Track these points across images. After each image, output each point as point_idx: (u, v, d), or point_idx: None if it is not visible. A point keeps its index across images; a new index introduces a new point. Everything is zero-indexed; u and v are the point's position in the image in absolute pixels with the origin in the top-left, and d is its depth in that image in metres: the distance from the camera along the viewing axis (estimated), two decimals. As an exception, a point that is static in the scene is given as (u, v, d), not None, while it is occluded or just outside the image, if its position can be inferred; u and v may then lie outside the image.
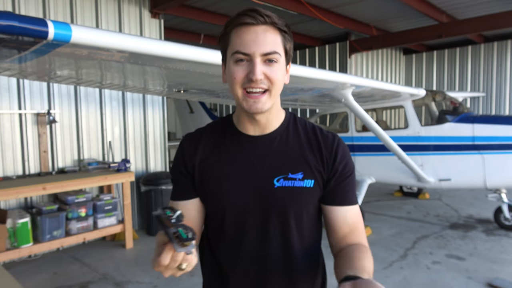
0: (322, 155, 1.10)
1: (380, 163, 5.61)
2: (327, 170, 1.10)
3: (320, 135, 1.13)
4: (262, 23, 0.98)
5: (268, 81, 0.99)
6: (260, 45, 0.97)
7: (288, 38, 1.03)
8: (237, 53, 0.98)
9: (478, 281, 3.69)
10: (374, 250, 4.49)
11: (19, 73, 2.98)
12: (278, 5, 6.06)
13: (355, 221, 1.11)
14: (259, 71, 0.97)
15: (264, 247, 1.09)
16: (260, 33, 0.97)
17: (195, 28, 8.22)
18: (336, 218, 1.10)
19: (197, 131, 1.19)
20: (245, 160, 1.09)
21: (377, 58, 10.00)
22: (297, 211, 1.09)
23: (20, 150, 4.47)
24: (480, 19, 6.88)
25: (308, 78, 3.56)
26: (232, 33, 1.00)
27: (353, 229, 1.10)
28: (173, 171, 1.17)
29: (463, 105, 5.70)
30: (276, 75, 1.00)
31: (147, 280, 3.84)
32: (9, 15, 1.62)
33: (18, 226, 3.96)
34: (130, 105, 5.42)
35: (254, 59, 0.97)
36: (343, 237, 1.10)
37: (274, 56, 0.99)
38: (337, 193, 1.11)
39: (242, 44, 0.97)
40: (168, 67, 2.71)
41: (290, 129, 1.13)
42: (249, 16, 0.97)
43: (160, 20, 5.63)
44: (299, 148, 1.11)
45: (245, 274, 1.11)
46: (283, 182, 1.06)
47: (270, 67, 0.99)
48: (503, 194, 5.14)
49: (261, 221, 1.08)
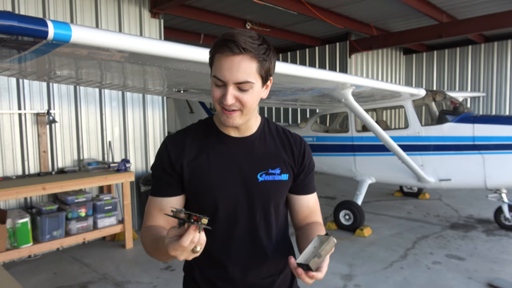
0: (293, 153, 1.32)
1: (380, 163, 5.61)
2: (297, 165, 1.32)
3: (290, 136, 1.35)
4: (238, 53, 1.07)
5: (239, 103, 1.12)
6: (233, 74, 1.08)
7: (265, 64, 1.12)
8: (215, 78, 1.11)
9: (478, 281, 3.69)
10: (374, 250, 4.52)
11: (19, 73, 2.98)
12: (278, 5, 6.05)
13: (314, 205, 1.39)
14: (230, 98, 1.10)
15: (252, 233, 1.27)
16: (235, 63, 1.07)
17: (195, 28, 8.22)
18: (301, 204, 1.36)
19: (179, 133, 1.31)
20: (232, 158, 1.25)
21: (377, 58, 10.00)
22: (277, 200, 1.30)
23: (19, 150, 4.46)
24: (481, 19, 6.88)
25: (308, 78, 3.56)
26: (214, 58, 1.12)
27: (312, 210, 1.38)
28: (156, 170, 1.28)
29: (463, 105, 5.70)
30: (247, 99, 1.12)
31: (147, 280, 3.83)
32: (8, 15, 1.62)
33: (18, 226, 3.96)
34: (130, 105, 5.42)
35: (228, 86, 1.09)
36: (304, 218, 1.37)
37: (245, 86, 1.10)
38: (304, 185, 1.35)
39: (219, 71, 1.09)
40: (168, 67, 2.71)
41: (266, 131, 1.32)
42: (227, 47, 1.07)
43: (160, 20, 5.62)
44: (275, 147, 1.31)
45: (239, 258, 1.27)
46: (265, 176, 1.26)
47: (242, 93, 1.11)
48: (503, 194, 5.13)
49: (248, 211, 1.25)
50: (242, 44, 1.06)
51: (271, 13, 6.97)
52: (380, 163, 5.61)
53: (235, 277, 1.28)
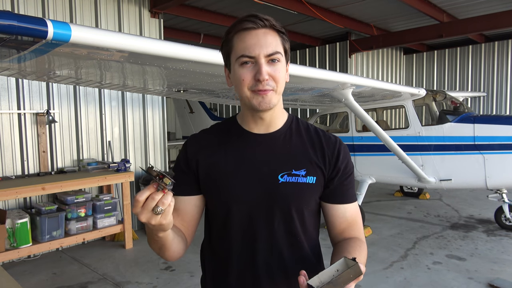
0: (325, 154, 1.17)
1: (380, 163, 5.60)
2: (329, 169, 1.16)
3: (323, 135, 1.22)
4: (262, 26, 1.05)
5: (272, 81, 1.05)
6: (263, 47, 1.04)
7: (285, 38, 1.10)
8: (243, 57, 1.04)
9: (478, 281, 3.68)
10: (374, 251, 4.51)
11: (18, 72, 2.97)
12: (279, 5, 6.04)
13: (353, 217, 1.20)
14: (265, 72, 1.03)
15: (269, 243, 1.13)
16: (261, 36, 1.04)
17: (194, 28, 8.21)
18: (336, 215, 1.18)
19: (202, 131, 1.26)
20: (250, 156, 1.15)
21: (378, 57, 9.99)
22: (299, 206, 1.14)
23: (19, 150, 4.46)
24: (481, 19, 6.87)
25: (309, 78, 3.55)
26: (234, 39, 1.07)
27: (351, 223, 1.19)
28: (175, 169, 1.23)
29: (464, 105, 5.69)
30: (280, 73, 1.06)
31: (147, 280, 3.83)
32: (8, 15, 1.61)
33: (17, 227, 3.95)
34: (130, 105, 5.41)
35: (259, 61, 1.04)
36: (341, 232, 1.19)
37: (276, 56, 1.05)
38: (338, 192, 1.18)
39: (246, 48, 1.04)
40: (168, 66, 2.70)
41: (293, 128, 1.20)
42: (249, 21, 1.05)
43: (160, 19, 5.61)
44: (302, 146, 1.17)
45: (252, 266, 1.14)
46: (287, 178, 1.12)
47: (274, 67, 1.05)
48: (503, 194, 5.13)
49: (265, 215, 1.12)
50: (263, 18, 1.05)
51: (271, 13, 6.88)
52: (380, 163, 5.61)
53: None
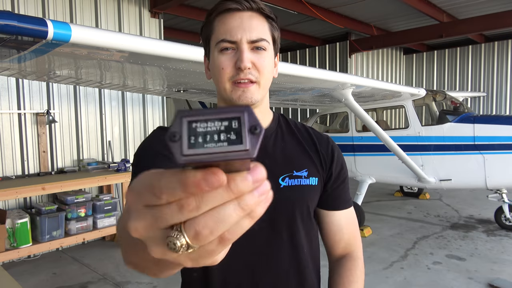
0: (319, 155, 1.03)
1: (380, 163, 5.60)
2: (324, 170, 1.03)
3: (314, 134, 1.07)
4: (248, 9, 0.89)
5: (256, 71, 0.89)
6: (246, 31, 0.87)
7: (275, 26, 0.95)
8: (223, 42, 0.88)
9: (478, 281, 3.68)
10: (374, 251, 4.51)
11: (18, 72, 2.97)
12: (279, 5, 6.05)
13: (349, 225, 1.08)
14: (247, 58, 0.86)
15: (270, 251, 0.98)
16: (245, 19, 0.89)
17: (194, 28, 8.21)
18: (330, 222, 1.06)
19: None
20: None
21: (378, 58, 9.99)
22: (304, 212, 0.99)
23: (19, 150, 4.46)
24: (481, 19, 6.88)
25: (308, 78, 3.55)
26: (215, 21, 0.91)
27: (346, 234, 1.07)
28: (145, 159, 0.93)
29: (464, 105, 5.69)
30: (264, 63, 0.90)
31: (147, 280, 3.83)
32: (8, 15, 1.61)
33: (17, 226, 3.95)
34: (130, 105, 5.41)
35: (241, 46, 0.87)
36: (336, 243, 1.07)
37: (262, 44, 0.89)
38: (333, 197, 1.05)
39: (227, 31, 0.88)
40: (168, 67, 2.70)
41: (282, 126, 1.05)
42: (233, 1, 0.89)
43: (160, 19, 5.61)
44: (297, 144, 1.03)
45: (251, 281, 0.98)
46: (289, 180, 0.97)
47: (258, 55, 0.89)
48: (503, 194, 5.13)
49: (267, 225, 0.95)
50: (251, 0, 0.89)
51: (271, 13, 6.96)
52: (380, 163, 5.61)
53: None
